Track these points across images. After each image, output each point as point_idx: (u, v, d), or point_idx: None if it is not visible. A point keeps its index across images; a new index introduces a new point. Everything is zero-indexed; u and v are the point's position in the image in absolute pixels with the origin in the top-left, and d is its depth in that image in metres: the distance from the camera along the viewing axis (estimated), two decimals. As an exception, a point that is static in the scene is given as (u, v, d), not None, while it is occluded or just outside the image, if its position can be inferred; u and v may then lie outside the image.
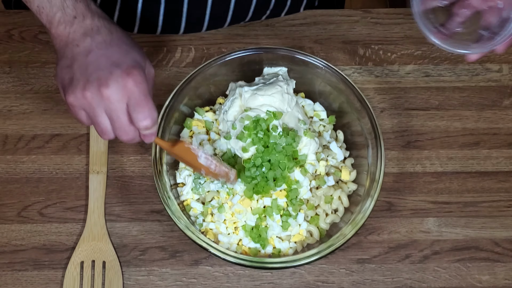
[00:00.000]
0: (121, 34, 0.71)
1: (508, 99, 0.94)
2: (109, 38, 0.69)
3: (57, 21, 0.69)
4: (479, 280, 0.84)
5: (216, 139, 0.84)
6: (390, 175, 0.89)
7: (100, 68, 0.67)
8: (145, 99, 0.68)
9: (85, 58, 0.68)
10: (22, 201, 0.87)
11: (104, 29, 0.69)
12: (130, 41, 0.71)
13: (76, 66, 0.68)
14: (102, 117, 0.68)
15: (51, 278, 0.83)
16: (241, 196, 0.80)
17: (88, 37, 0.68)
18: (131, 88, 0.67)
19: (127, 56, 0.68)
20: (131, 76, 0.66)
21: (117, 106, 0.67)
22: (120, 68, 0.67)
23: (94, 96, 0.66)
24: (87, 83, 0.66)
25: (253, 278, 0.83)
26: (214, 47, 0.97)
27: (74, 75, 0.68)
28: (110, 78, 0.66)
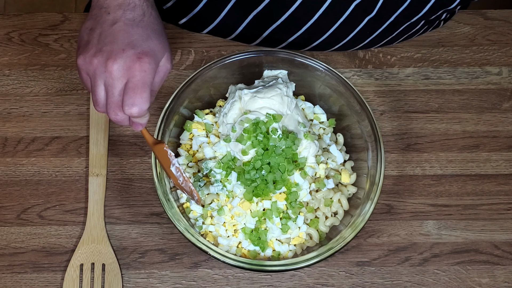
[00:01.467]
0: (154, 19, 0.71)
1: (507, 102, 0.94)
2: (139, 18, 0.69)
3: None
4: (479, 283, 0.84)
5: (216, 142, 0.84)
6: (389, 177, 0.89)
7: (116, 42, 0.67)
8: (142, 88, 0.68)
9: (109, 27, 0.68)
10: (21, 203, 0.87)
11: (139, 9, 0.70)
12: (158, 28, 0.71)
13: (97, 32, 0.69)
14: (100, 88, 0.69)
15: (50, 281, 0.83)
16: (241, 198, 0.80)
17: (121, 10, 0.69)
18: (134, 72, 0.67)
19: (147, 41, 0.69)
20: (139, 61, 0.67)
21: (116, 83, 0.67)
22: (134, 49, 0.67)
23: (99, 65, 0.67)
24: (99, 51, 0.67)
25: (253, 280, 0.83)
26: (214, 50, 0.97)
27: (92, 39, 0.68)
28: (120, 54, 0.67)
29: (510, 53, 0.97)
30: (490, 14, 0.99)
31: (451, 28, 0.98)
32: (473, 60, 0.96)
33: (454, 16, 0.99)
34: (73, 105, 0.92)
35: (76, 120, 0.91)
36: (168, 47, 0.72)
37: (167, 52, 0.71)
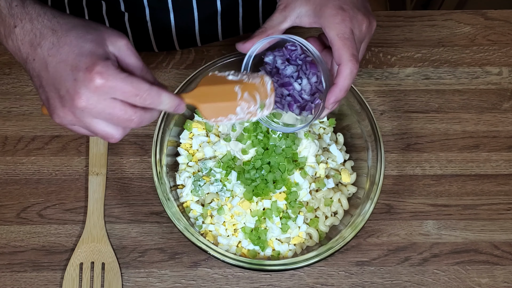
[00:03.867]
0: (66, 26, 0.63)
1: (507, 102, 0.94)
2: (55, 39, 0.62)
3: (4, 36, 0.64)
4: (478, 283, 0.84)
5: (216, 141, 0.84)
6: (389, 177, 0.89)
7: (63, 78, 0.61)
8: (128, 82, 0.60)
9: (46, 73, 0.62)
10: (21, 202, 0.87)
11: (46, 30, 0.62)
12: (78, 29, 0.63)
13: (45, 84, 0.63)
14: (95, 123, 0.63)
15: (50, 280, 0.83)
16: (241, 198, 0.80)
17: (37, 47, 0.62)
18: (103, 85, 0.59)
19: (82, 51, 0.61)
20: (94, 73, 0.59)
21: (102, 106, 0.61)
22: (80, 70, 0.60)
23: (73, 110, 0.61)
24: (61, 100, 0.61)
25: (252, 280, 0.83)
26: (214, 49, 0.97)
27: (47, 94, 0.63)
28: (77, 86, 0.60)
29: (510, 53, 0.97)
30: (491, 14, 0.99)
31: (451, 28, 0.98)
32: (473, 60, 0.96)
33: (454, 16, 0.99)
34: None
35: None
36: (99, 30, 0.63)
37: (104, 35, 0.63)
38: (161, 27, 0.97)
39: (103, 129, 0.63)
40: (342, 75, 0.68)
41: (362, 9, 0.71)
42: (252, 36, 0.73)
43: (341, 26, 0.68)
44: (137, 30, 0.98)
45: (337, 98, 0.69)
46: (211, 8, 0.95)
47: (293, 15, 0.72)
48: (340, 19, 0.68)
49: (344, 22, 0.68)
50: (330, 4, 0.69)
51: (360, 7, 0.71)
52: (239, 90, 0.67)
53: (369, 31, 0.72)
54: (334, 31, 0.68)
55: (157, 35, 0.98)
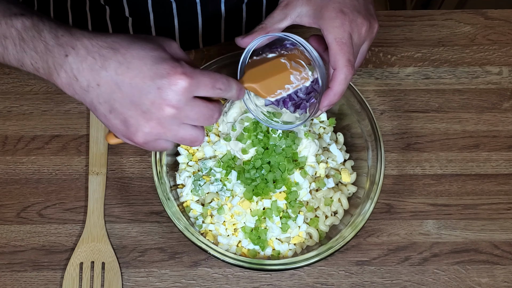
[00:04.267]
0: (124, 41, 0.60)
1: (508, 102, 0.94)
2: (120, 56, 0.59)
3: (54, 68, 0.59)
4: (478, 283, 0.84)
5: (216, 141, 0.84)
6: (389, 177, 0.89)
7: (144, 91, 0.58)
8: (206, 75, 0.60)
9: (119, 93, 0.59)
10: (21, 202, 0.87)
11: (106, 51, 0.59)
12: (137, 42, 0.61)
13: (119, 106, 0.59)
14: (183, 129, 0.61)
15: (50, 279, 0.83)
16: (241, 197, 0.80)
17: (100, 70, 0.58)
18: (189, 84, 0.59)
19: (153, 60, 0.59)
20: (179, 76, 0.58)
21: (189, 107, 0.59)
22: (162, 77, 0.58)
23: (162, 121, 0.59)
24: (145, 114, 0.59)
25: (252, 279, 0.83)
26: (214, 49, 0.97)
27: (125, 115, 0.59)
28: (163, 93, 0.58)
29: (510, 53, 0.97)
30: (491, 14, 0.99)
31: (451, 28, 0.98)
32: (474, 60, 0.96)
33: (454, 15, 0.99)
34: (73, 104, 0.92)
35: (76, 119, 0.91)
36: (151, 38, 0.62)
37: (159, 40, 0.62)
38: (165, 31, 0.97)
39: (190, 133, 0.62)
40: (336, 80, 0.68)
41: (363, 12, 0.71)
42: (252, 31, 0.73)
43: (339, 30, 0.68)
44: None
45: (331, 102, 0.70)
46: (215, 13, 0.95)
47: (293, 14, 0.72)
48: (339, 23, 0.68)
49: (342, 26, 0.68)
50: (330, 7, 0.69)
51: (361, 10, 0.71)
52: (285, 60, 0.70)
53: (369, 34, 0.72)
54: (332, 34, 0.68)
55: None
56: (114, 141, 0.65)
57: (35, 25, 0.61)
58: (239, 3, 0.96)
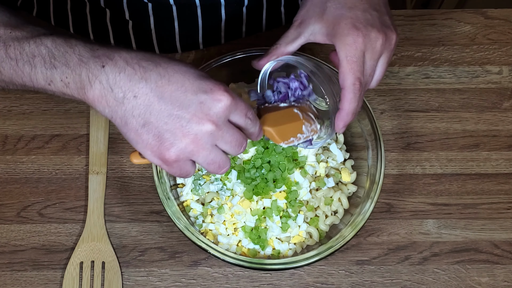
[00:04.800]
0: (162, 58, 0.60)
1: (508, 101, 0.94)
2: (162, 69, 0.58)
3: (88, 81, 0.57)
4: (479, 282, 0.84)
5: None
6: (389, 176, 0.89)
7: (185, 105, 0.57)
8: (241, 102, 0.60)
9: (159, 105, 0.57)
10: (21, 201, 0.87)
11: (146, 63, 0.58)
12: (175, 59, 0.60)
13: (155, 120, 0.57)
14: (215, 151, 0.60)
15: (50, 279, 0.83)
16: (241, 197, 0.80)
17: (140, 81, 0.57)
18: (230, 103, 0.58)
19: (196, 76, 0.58)
20: (223, 93, 0.57)
21: (226, 128, 0.59)
22: (205, 92, 0.57)
23: (200, 136, 0.58)
24: (184, 127, 0.57)
25: (252, 279, 0.83)
26: (214, 48, 0.97)
27: (160, 129, 0.57)
28: (205, 108, 0.57)
29: (510, 52, 0.97)
30: (491, 13, 0.99)
31: (451, 27, 0.98)
32: (474, 59, 0.96)
33: (454, 15, 0.99)
34: (73, 103, 0.92)
35: (76, 118, 0.91)
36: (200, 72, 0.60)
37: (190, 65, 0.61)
38: (165, 35, 0.97)
39: (220, 157, 0.61)
40: (346, 100, 0.68)
41: (378, 25, 0.69)
42: (267, 53, 0.73)
43: (351, 48, 0.67)
44: (141, 38, 0.98)
45: (346, 122, 0.69)
46: (215, 17, 0.95)
47: (307, 32, 0.72)
48: (351, 40, 0.67)
49: (355, 43, 0.67)
50: (343, 23, 0.68)
51: (375, 23, 0.69)
52: (298, 111, 0.71)
53: (386, 47, 0.69)
54: (343, 52, 0.67)
55: (161, 42, 0.98)
56: (139, 161, 0.63)
57: (67, 41, 0.60)
58: (239, 7, 0.96)
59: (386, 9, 0.72)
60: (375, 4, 0.70)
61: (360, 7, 0.69)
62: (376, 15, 0.70)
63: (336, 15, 0.69)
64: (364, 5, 0.69)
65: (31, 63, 0.60)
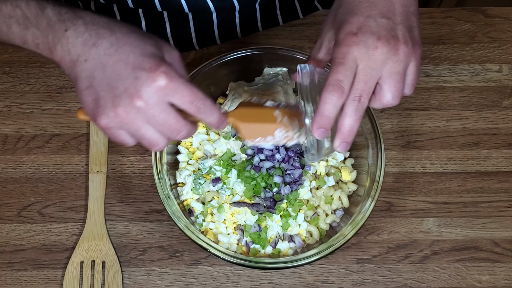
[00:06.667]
0: (124, 28, 0.62)
1: (508, 100, 0.94)
2: (114, 39, 0.61)
3: (52, 42, 0.62)
4: (479, 280, 0.84)
5: (216, 139, 0.84)
6: (390, 175, 0.89)
7: (122, 77, 0.59)
8: (188, 88, 0.60)
9: (101, 72, 0.60)
10: (21, 201, 0.87)
11: (103, 30, 0.61)
12: (137, 33, 0.63)
13: (96, 84, 0.60)
14: (145, 128, 0.61)
15: (50, 278, 0.83)
16: (241, 196, 0.80)
17: (92, 47, 0.60)
18: (166, 85, 0.59)
19: (144, 52, 0.60)
20: (159, 73, 0.59)
21: (158, 110, 0.60)
22: (143, 69, 0.59)
23: (129, 110, 0.59)
24: (116, 98, 0.59)
25: (253, 278, 0.83)
26: (214, 47, 0.97)
27: (98, 94, 0.60)
28: (138, 84, 0.59)
29: (510, 51, 0.97)
30: (491, 12, 0.99)
31: (451, 26, 0.98)
32: (474, 58, 0.96)
33: (454, 13, 0.99)
34: (73, 102, 0.92)
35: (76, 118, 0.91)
36: (157, 38, 0.64)
37: (162, 43, 0.64)
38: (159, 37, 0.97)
39: (151, 135, 0.62)
40: (321, 100, 0.63)
41: (382, 33, 0.63)
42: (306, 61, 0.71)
43: (341, 51, 0.63)
44: None
45: (320, 125, 0.64)
46: (207, 20, 0.96)
47: (325, 41, 0.69)
48: (345, 44, 0.63)
49: (346, 48, 0.63)
50: (342, 29, 0.64)
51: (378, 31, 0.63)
52: (279, 114, 0.69)
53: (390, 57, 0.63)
54: (334, 54, 0.64)
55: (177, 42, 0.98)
56: (83, 117, 0.65)
57: (39, 3, 0.63)
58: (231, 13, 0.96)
59: (402, 19, 0.65)
60: (388, 12, 0.65)
61: (366, 13, 0.64)
62: (384, 22, 0.64)
63: (341, 21, 0.65)
64: (372, 12, 0.64)
65: (7, 24, 0.64)
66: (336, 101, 0.63)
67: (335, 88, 0.62)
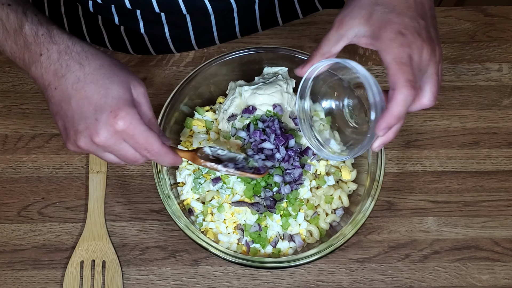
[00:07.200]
0: (94, 62, 0.65)
1: (507, 99, 0.94)
2: (82, 75, 0.64)
3: (28, 62, 0.65)
4: (479, 280, 0.84)
5: (216, 139, 0.84)
6: (390, 174, 0.89)
7: (84, 116, 0.63)
8: (146, 140, 0.65)
9: (67, 105, 0.64)
10: (22, 200, 0.87)
11: (73, 63, 0.64)
12: (106, 70, 0.65)
13: (63, 114, 0.65)
14: (107, 156, 0.67)
15: (51, 278, 0.83)
16: (241, 196, 0.80)
17: (61, 78, 0.64)
18: (124, 133, 0.63)
19: (108, 94, 0.63)
20: (118, 119, 0.63)
21: (116, 148, 0.65)
22: (104, 112, 0.63)
23: (89, 145, 0.65)
24: (78, 134, 0.64)
25: (253, 277, 0.84)
26: (214, 47, 0.97)
27: (64, 123, 0.65)
28: (98, 126, 0.63)
29: (510, 50, 0.97)
30: (491, 11, 0.99)
31: (451, 25, 0.98)
32: (473, 57, 0.96)
33: (454, 12, 0.99)
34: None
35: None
36: (125, 72, 0.66)
37: (130, 80, 0.66)
38: (157, 38, 0.97)
39: (113, 160, 0.68)
40: (395, 101, 0.63)
41: (424, 35, 0.66)
42: (309, 58, 0.71)
43: (398, 51, 0.64)
44: (134, 40, 0.98)
45: (388, 124, 0.64)
46: (205, 21, 0.96)
47: (350, 34, 0.69)
48: (398, 44, 0.64)
49: (402, 47, 0.64)
50: (389, 27, 0.65)
51: (421, 32, 0.66)
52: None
53: (432, 58, 0.66)
54: (390, 55, 0.64)
55: (154, 44, 0.99)
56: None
57: (18, 18, 0.65)
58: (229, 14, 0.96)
59: (432, 21, 0.68)
60: (423, 14, 0.67)
61: (409, 14, 0.66)
62: (423, 24, 0.67)
63: (383, 20, 0.66)
64: (412, 13, 0.66)
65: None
66: (410, 102, 0.64)
67: (410, 90, 0.63)
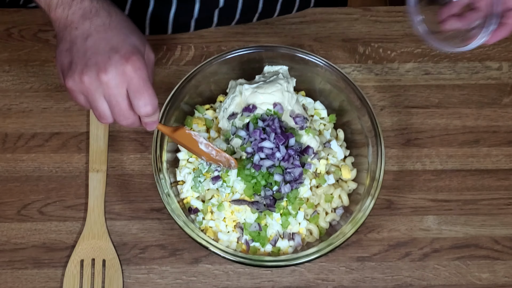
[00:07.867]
0: (121, 17, 0.70)
1: (507, 97, 0.94)
2: (108, 21, 0.68)
3: (55, 4, 0.69)
4: (479, 278, 0.84)
5: (216, 137, 0.84)
6: (390, 173, 0.89)
7: (98, 52, 0.66)
8: (145, 86, 0.67)
9: (83, 42, 0.67)
10: (21, 199, 0.87)
11: (103, 11, 0.69)
12: (129, 25, 0.71)
13: (75, 50, 0.67)
14: (100, 101, 0.68)
15: (51, 277, 0.83)
16: (241, 194, 0.80)
17: (87, 20, 0.67)
18: (130, 74, 0.66)
19: (126, 40, 0.68)
20: (129, 62, 0.66)
21: (116, 91, 0.67)
22: (118, 53, 0.66)
23: (92, 81, 0.66)
24: (85, 67, 0.66)
25: (253, 276, 0.84)
26: (214, 45, 0.96)
27: (73, 59, 0.67)
28: (108, 63, 0.66)
29: (510, 48, 0.97)
30: (490, 9, 0.99)
31: (451, 23, 0.98)
32: (473, 55, 0.96)
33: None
34: (73, 101, 0.92)
35: (76, 116, 0.91)
36: (144, 38, 0.71)
37: (146, 43, 0.71)
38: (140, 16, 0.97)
39: (103, 109, 0.69)
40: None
41: None
42: None
43: None
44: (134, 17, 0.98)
45: (502, 36, 0.74)
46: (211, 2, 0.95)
47: None
48: None
49: None
50: None
51: None
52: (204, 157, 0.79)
53: None
54: None
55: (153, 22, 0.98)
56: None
57: None
58: None
59: None
60: None
61: None
62: None
63: None
64: None
65: None
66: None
67: None
